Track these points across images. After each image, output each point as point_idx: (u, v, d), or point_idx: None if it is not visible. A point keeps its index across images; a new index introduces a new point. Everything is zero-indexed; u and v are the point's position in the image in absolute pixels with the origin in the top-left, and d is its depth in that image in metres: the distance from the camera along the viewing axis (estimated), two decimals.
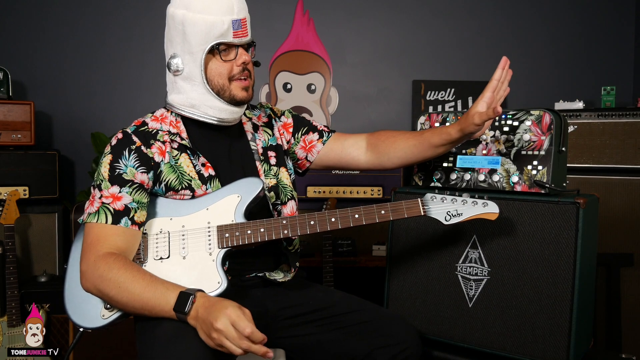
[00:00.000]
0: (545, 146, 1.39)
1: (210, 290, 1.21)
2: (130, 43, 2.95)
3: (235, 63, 1.32)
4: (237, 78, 1.33)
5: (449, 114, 1.56)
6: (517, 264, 1.40)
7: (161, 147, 1.32)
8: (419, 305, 1.55)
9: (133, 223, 1.24)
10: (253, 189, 1.32)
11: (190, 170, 1.33)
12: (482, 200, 1.31)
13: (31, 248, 2.50)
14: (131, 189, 1.25)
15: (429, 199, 1.33)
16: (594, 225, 1.44)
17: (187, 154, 1.35)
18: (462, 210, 1.31)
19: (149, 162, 1.29)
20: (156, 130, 1.35)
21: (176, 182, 1.32)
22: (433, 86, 3.03)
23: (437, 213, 1.32)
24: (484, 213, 1.30)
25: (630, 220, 2.27)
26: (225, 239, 1.27)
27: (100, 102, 2.93)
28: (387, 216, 1.31)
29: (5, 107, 2.49)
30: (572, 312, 1.31)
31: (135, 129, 1.33)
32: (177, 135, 1.35)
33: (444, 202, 1.32)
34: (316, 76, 3.03)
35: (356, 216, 1.30)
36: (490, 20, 3.07)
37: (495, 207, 1.30)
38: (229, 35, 1.28)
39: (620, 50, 3.08)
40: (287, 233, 1.28)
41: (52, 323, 2.32)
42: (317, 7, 3.03)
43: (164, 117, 1.39)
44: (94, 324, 1.24)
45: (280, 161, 1.50)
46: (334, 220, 1.29)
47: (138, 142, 1.30)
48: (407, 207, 1.31)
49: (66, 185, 2.85)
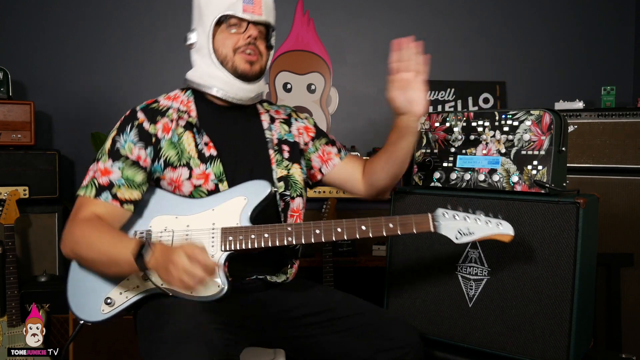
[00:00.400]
0: (545, 146, 1.39)
1: (210, 294, 1.20)
2: (131, 43, 2.95)
3: (243, 36, 1.34)
4: (242, 51, 1.34)
5: (449, 114, 1.56)
6: (517, 264, 1.40)
7: (167, 124, 1.34)
8: (419, 305, 1.55)
9: (114, 198, 1.26)
10: (260, 193, 1.30)
11: (191, 148, 1.34)
12: (496, 220, 1.26)
13: (31, 248, 2.50)
14: (124, 165, 1.28)
15: (441, 215, 1.28)
16: (594, 225, 1.44)
17: (192, 132, 1.36)
18: (474, 229, 1.26)
19: (149, 138, 1.31)
20: (166, 107, 1.38)
21: (175, 158, 1.33)
22: (433, 86, 3.03)
23: (447, 230, 1.27)
24: (498, 234, 1.25)
25: (630, 220, 2.27)
26: (228, 242, 1.26)
27: (100, 102, 2.92)
28: (395, 230, 1.27)
29: (5, 107, 2.49)
30: (572, 312, 1.31)
31: (145, 107, 1.36)
32: (186, 113, 1.38)
33: (456, 219, 1.27)
34: (316, 76, 3.03)
35: (363, 228, 1.27)
36: (490, 20, 3.07)
37: (510, 228, 1.26)
38: (237, 8, 1.31)
39: (620, 50, 3.08)
40: (291, 240, 1.26)
41: (52, 323, 2.32)
42: (317, 7, 3.03)
43: (177, 96, 1.42)
44: (95, 318, 1.26)
45: (294, 157, 1.49)
46: (340, 230, 1.26)
47: (142, 118, 1.33)
48: (416, 222, 1.27)
49: (66, 185, 2.85)
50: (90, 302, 1.26)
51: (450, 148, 1.55)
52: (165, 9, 2.96)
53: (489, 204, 1.44)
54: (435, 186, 1.57)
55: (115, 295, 1.26)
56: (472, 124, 1.51)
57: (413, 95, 1.36)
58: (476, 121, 1.50)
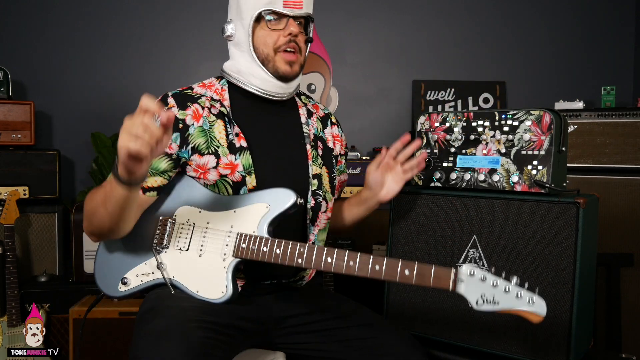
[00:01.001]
0: (545, 146, 1.39)
1: (213, 298, 1.21)
2: (131, 43, 2.95)
3: (283, 33, 1.31)
4: (282, 49, 1.31)
5: (449, 114, 1.56)
6: (517, 264, 1.39)
7: (198, 110, 1.32)
8: (419, 305, 1.55)
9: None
10: (283, 203, 1.25)
11: (221, 137, 1.31)
12: (529, 294, 1.08)
13: (31, 248, 2.50)
14: None
15: (467, 274, 1.11)
16: (594, 225, 1.44)
17: (224, 121, 1.33)
18: (500, 298, 1.09)
19: (176, 123, 1.28)
20: (199, 95, 1.35)
21: (203, 146, 1.30)
22: (433, 86, 3.03)
23: (469, 292, 1.11)
24: (526, 312, 1.08)
25: (630, 220, 2.27)
26: (241, 249, 1.23)
27: (100, 102, 2.93)
28: (410, 279, 1.15)
29: (5, 107, 2.49)
30: (572, 312, 1.31)
31: (177, 92, 1.34)
32: (219, 102, 1.35)
33: (482, 282, 1.10)
34: (316, 76, 3.03)
35: (376, 267, 1.18)
36: (490, 20, 3.07)
37: (543, 307, 1.07)
38: (278, 3, 1.28)
39: (620, 50, 3.08)
40: (300, 263, 1.21)
41: (52, 323, 2.32)
42: (317, 7, 3.01)
43: (212, 84, 1.39)
44: (113, 294, 1.33)
45: (326, 159, 1.47)
46: (352, 264, 1.19)
47: (172, 103, 1.30)
48: (435, 276, 1.13)
49: (66, 185, 2.85)
50: (111, 279, 1.32)
51: (450, 148, 1.55)
52: (166, 9, 2.96)
53: (489, 204, 1.44)
54: (435, 186, 1.57)
55: (132, 276, 1.30)
56: (472, 124, 1.51)
57: (390, 184, 1.45)
58: (476, 121, 1.50)
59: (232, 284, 1.22)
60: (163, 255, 1.29)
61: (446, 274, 1.13)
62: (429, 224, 1.54)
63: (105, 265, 1.34)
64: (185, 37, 2.97)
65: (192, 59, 2.98)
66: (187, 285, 1.26)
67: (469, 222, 1.47)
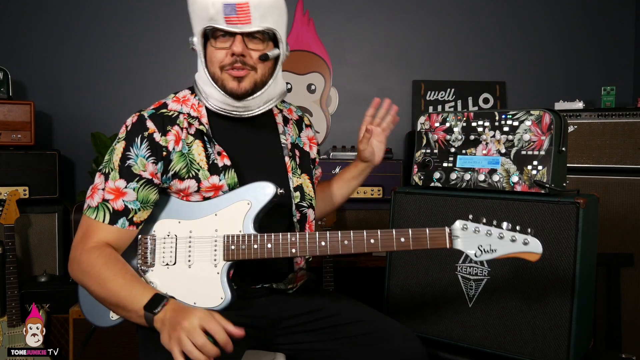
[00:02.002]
0: (545, 146, 1.39)
1: (212, 306, 1.17)
2: (131, 43, 2.95)
3: (229, 52, 1.22)
4: (227, 69, 1.24)
5: (449, 114, 1.56)
6: (517, 264, 1.40)
7: (178, 133, 1.24)
8: (419, 305, 1.55)
9: (131, 224, 1.20)
10: (264, 197, 1.22)
11: (200, 159, 1.25)
12: (523, 236, 1.11)
13: (31, 248, 2.50)
14: (139, 185, 1.20)
15: (460, 228, 1.15)
16: (594, 225, 1.44)
17: (203, 140, 1.27)
18: (496, 245, 1.12)
19: (160, 152, 1.22)
20: (177, 113, 1.27)
21: (184, 171, 1.24)
22: (433, 86, 3.03)
23: (466, 246, 1.14)
24: (523, 252, 1.11)
25: (630, 220, 2.27)
26: (231, 251, 1.20)
27: (100, 102, 2.93)
28: (407, 245, 1.16)
29: (5, 107, 2.49)
30: (572, 312, 1.31)
31: (153, 113, 1.25)
32: (197, 120, 1.28)
33: (477, 234, 1.14)
34: (316, 76, 3.03)
35: (372, 241, 1.17)
36: (490, 20, 3.07)
37: (538, 245, 1.11)
38: (219, 20, 1.19)
39: (620, 50, 3.08)
40: (295, 252, 1.19)
41: (52, 323, 2.32)
42: (317, 7, 3.03)
43: (186, 99, 1.31)
44: (106, 324, 1.25)
45: (305, 166, 1.45)
46: (347, 243, 1.18)
47: (152, 128, 1.22)
48: (431, 237, 1.15)
49: (66, 185, 2.85)
50: (101, 309, 1.24)
51: (450, 148, 1.55)
52: (166, 9, 2.96)
53: (489, 204, 1.44)
54: (435, 186, 1.57)
55: None
56: (472, 124, 1.51)
57: (377, 146, 1.54)
58: (476, 121, 1.50)
59: (229, 288, 1.19)
60: (150, 274, 1.23)
61: (441, 234, 1.15)
62: (429, 224, 1.54)
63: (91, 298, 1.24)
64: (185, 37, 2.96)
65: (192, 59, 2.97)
66: (183, 299, 1.19)
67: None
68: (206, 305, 1.18)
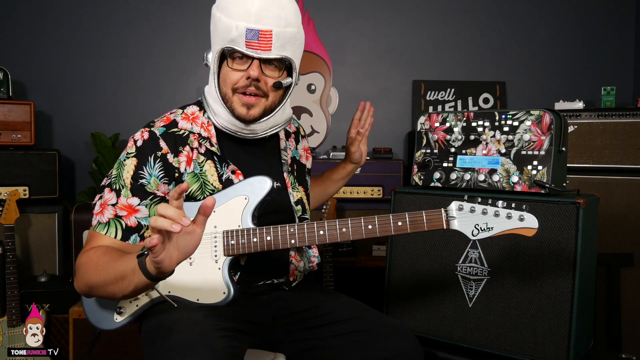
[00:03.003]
0: (545, 146, 1.39)
1: (216, 301, 1.19)
2: (131, 43, 2.95)
3: (245, 74, 1.23)
4: (240, 92, 1.25)
5: (449, 114, 1.56)
6: (517, 264, 1.40)
7: (189, 154, 1.26)
8: (419, 305, 1.55)
9: (142, 239, 1.21)
10: (261, 190, 1.24)
11: (214, 180, 1.28)
12: (518, 213, 1.12)
13: (31, 248, 2.50)
14: (152, 201, 1.21)
15: (455, 209, 1.16)
16: (594, 225, 1.44)
17: (214, 161, 1.29)
18: (493, 223, 1.13)
19: (172, 173, 1.24)
20: (187, 132, 1.28)
21: (198, 192, 1.26)
22: (433, 86, 3.03)
23: (463, 226, 1.15)
24: (520, 228, 1.12)
25: (630, 220, 2.27)
26: (231, 246, 1.22)
27: (100, 102, 2.93)
28: (404, 228, 1.18)
29: (5, 107, 2.49)
30: (572, 312, 1.31)
31: (165, 131, 1.25)
32: (207, 140, 1.29)
33: (473, 213, 1.15)
34: (316, 76, 3.03)
35: (369, 227, 1.19)
36: (490, 20, 3.07)
37: (534, 220, 1.12)
38: (240, 42, 1.19)
39: (620, 50, 3.08)
40: (294, 243, 1.21)
41: (52, 323, 2.32)
42: (317, 7, 3.03)
43: (196, 116, 1.32)
44: (110, 327, 1.27)
45: (301, 178, 1.47)
46: (345, 230, 1.19)
47: (165, 148, 1.23)
48: (428, 219, 1.17)
49: (66, 185, 2.85)
50: (105, 313, 1.27)
51: (450, 148, 1.55)
52: (166, 9, 2.96)
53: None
54: (435, 186, 1.57)
55: (126, 304, 1.25)
56: (472, 124, 1.51)
57: (363, 148, 1.65)
58: (476, 121, 1.50)
59: (231, 282, 1.21)
60: None
61: (438, 215, 1.17)
62: None
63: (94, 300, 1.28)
64: (185, 37, 2.97)
65: (192, 59, 2.98)
66: (185, 296, 1.21)
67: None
68: (209, 301, 1.19)
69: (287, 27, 1.21)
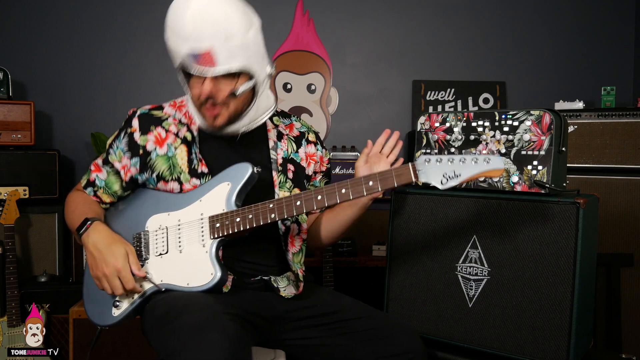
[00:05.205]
0: (545, 146, 1.39)
1: (205, 283, 1.22)
2: (130, 43, 2.95)
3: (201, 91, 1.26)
4: (203, 104, 1.29)
5: (449, 114, 1.56)
6: (517, 264, 1.40)
7: (160, 135, 1.36)
8: (419, 305, 1.55)
9: (95, 195, 1.42)
10: (242, 175, 1.29)
11: (182, 163, 1.35)
12: (483, 156, 1.12)
13: (31, 248, 2.50)
14: (110, 170, 1.41)
15: (422, 162, 1.16)
16: (594, 225, 1.44)
17: (187, 146, 1.36)
18: (460, 170, 1.13)
19: (137, 149, 1.36)
20: (167, 116, 1.39)
21: (167, 173, 1.35)
22: (433, 86, 3.03)
23: (431, 177, 1.15)
24: (486, 171, 1.12)
25: (630, 220, 2.27)
26: (216, 229, 1.27)
27: (100, 102, 2.93)
28: (376, 187, 1.19)
29: (5, 107, 2.49)
30: (572, 312, 1.31)
31: (144, 113, 1.39)
32: (186, 126, 1.38)
33: (439, 164, 1.15)
34: (316, 76, 3.03)
35: (343, 191, 1.21)
36: (490, 20, 3.07)
37: (500, 161, 1.11)
38: (187, 64, 1.23)
39: (620, 50, 3.08)
40: (274, 217, 1.24)
41: (52, 323, 2.32)
42: (317, 8, 3.03)
43: (183, 104, 1.42)
44: (108, 322, 1.33)
45: (298, 180, 1.46)
46: (320, 197, 1.22)
47: (135, 127, 1.37)
48: (397, 174, 1.18)
49: (66, 185, 2.84)
50: (102, 308, 1.33)
51: (450, 148, 1.55)
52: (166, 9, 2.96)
53: (489, 204, 1.44)
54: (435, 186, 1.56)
55: (122, 297, 1.30)
56: (472, 124, 1.51)
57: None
58: (476, 121, 1.50)
59: (218, 264, 1.24)
60: (146, 267, 1.32)
61: (405, 170, 1.18)
62: (429, 224, 1.54)
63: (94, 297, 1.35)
64: None
65: None
66: (176, 282, 1.27)
67: (469, 222, 1.47)
68: (198, 283, 1.24)
69: (228, 39, 1.20)
